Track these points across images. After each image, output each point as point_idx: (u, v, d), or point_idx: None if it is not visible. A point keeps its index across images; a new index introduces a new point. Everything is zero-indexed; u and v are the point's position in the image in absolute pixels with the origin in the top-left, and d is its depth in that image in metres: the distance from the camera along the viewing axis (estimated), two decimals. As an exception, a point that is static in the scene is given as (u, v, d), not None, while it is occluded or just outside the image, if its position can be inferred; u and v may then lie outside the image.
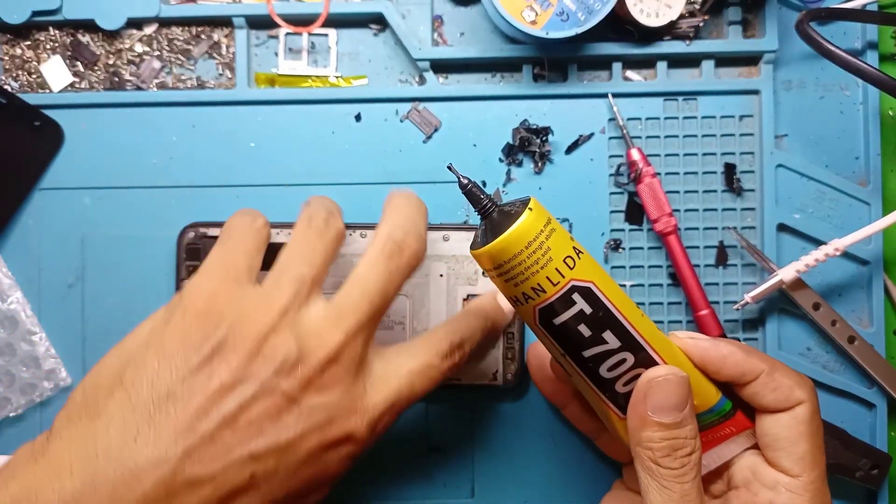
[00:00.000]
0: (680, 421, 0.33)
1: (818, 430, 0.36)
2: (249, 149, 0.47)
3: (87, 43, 0.47)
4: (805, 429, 0.35)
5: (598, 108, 0.46)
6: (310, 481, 0.34)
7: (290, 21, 0.46)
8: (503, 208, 0.31)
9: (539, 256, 0.30)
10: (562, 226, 0.32)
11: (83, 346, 0.46)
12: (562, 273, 0.30)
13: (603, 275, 0.32)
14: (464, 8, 0.47)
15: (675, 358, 0.34)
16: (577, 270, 0.31)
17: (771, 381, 0.35)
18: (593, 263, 0.32)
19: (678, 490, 0.32)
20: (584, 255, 0.31)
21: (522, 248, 0.30)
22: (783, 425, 0.35)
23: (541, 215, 0.31)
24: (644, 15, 0.44)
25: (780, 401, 0.35)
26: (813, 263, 0.44)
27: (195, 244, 0.45)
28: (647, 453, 0.33)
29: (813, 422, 0.35)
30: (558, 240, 0.31)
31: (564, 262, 0.30)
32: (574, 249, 0.31)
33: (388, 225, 0.37)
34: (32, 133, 0.46)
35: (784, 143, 0.47)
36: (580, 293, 0.31)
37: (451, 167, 0.33)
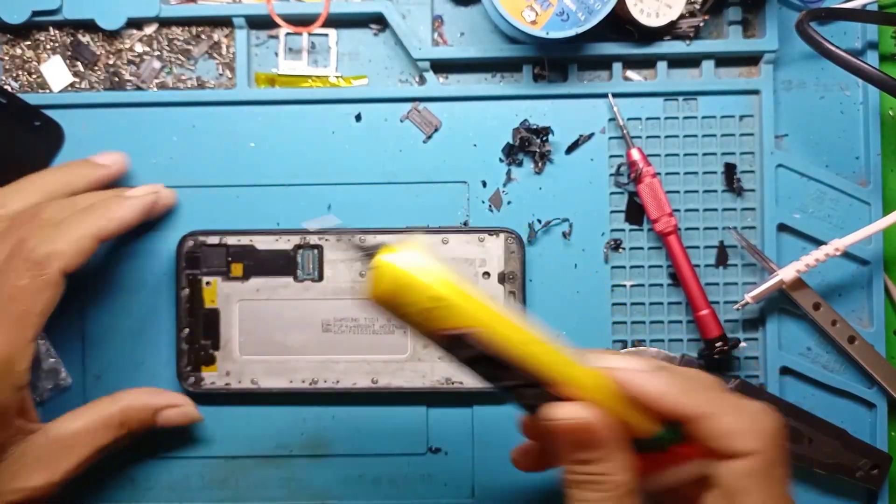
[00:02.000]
0: (594, 458, 0.30)
1: (778, 480, 0.31)
2: (249, 149, 0.47)
3: (88, 43, 0.47)
4: (756, 481, 0.31)
5: (598, 108, 0.46)
6: None
7: (290, 21, 0.46)
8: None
9: (404, 303, 0.29)
10: (428, 278, 0.29)
11: (83, 346, 0.46)
12: (428, 321, 0.29)
13: (484, 317, 0.30)
14: (464, 8, 0.47)
15: (597, 389, 0.31)
16: (444, 320, 0.29)
17: (715, 427, 0.31)
18: (471, 308, 0.29)
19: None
20: (447, 305, 0.29)
21: (387, 294, 0.29)
22: (732, 473, 0.31)
23: (397, 272, 0.29)
24: (644, 15, 0.44)
25: (724, 449, 0.31)
26: (813, 263, 0.44)
27: (194, 252, 0.45)
28: (567, 479, 0.32)
29: (768, 473, 0.31)
30: (417, 293, 0.29)
31: (426, 312, 0.29)
32: (434, 299, 0.29)
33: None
34: (33, 133, 0.46)
35: (784, 143, 0.47)
36: (458, 339, 0.30)
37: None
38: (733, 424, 0.31)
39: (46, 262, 0.37)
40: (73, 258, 0.37)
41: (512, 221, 0.46)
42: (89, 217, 0.39)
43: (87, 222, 0.38)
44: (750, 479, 0.31)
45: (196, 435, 0.46)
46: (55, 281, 0.37)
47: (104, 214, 0.39)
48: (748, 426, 0.31)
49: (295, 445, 0.46)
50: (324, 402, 0.46)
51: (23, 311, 0.37)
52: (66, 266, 0.37)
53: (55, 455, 0.40)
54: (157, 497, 0.46)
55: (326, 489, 0.46)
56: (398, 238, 0.45)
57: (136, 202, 0.41)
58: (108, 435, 0.42)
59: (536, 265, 0.46)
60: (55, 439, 0.40)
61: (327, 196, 0.46)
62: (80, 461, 0.41)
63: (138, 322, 0.46)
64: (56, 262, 0.37)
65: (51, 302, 0.37)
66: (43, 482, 0.40)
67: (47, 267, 0.37)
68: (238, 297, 0.45)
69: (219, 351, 0.45)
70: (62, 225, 0.38)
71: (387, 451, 0.46)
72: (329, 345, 0.45)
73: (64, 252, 0.37)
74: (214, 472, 0.46)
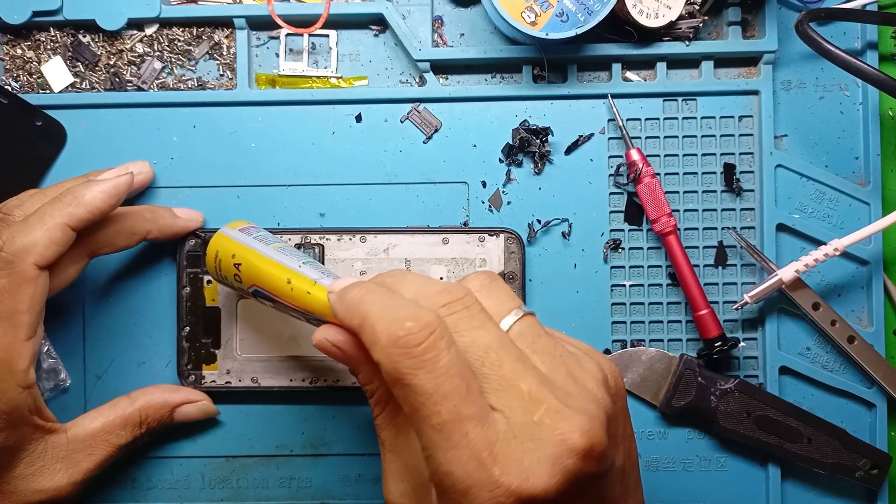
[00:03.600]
0: (352, 370, 0.33)
1: (404, 398, 0.29)
2: (250, 149, 0.47)
3: (88, 43, 0.47)
4: (395, 393, 0.29)
5: (597, 108, 0.47)
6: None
7: (291, 22, 0.46)
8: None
9: (224, 278, 0.40)
10: (228, 250, 0.39)
11: (83, 346, 0.46)
12: (240, 285, 0.39)
13: (259, 273, 0.38)
14: (464, 9, 0.47)
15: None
16: (244, 282, 0.39)
17: (363, 338, 0.30)
18: (251, 268, 0.38)
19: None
20: (242, 267, 0.39)
21: (213, 274, 0.41)
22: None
23: (210, 250, 0.40)
24: (643, 16, 0.44)
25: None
26: (812, 263, 0.44)
27: (196, 251, 0.45)
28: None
29: (393, 386, 0.29)
30: (225, 265, 0.40)
31: (235, 279, 0.39)
32: (235, 266, 0.39)
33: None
34: (34, 133, 0.46)
35: (783, 144, 0.47)
36: (255, 293, 0.39)
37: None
38: (369, 335, 0.29)
39: (18, 258, 0.37)
40: (45, 250, 0.37)
41: (512, 221, 0.46)
42: (57, 206, 0.38)
43: (56, 211, 0.38)
44: (392, 391, 0.29)
45: (196, 435, 0.46)
46: (32, 276, 0.37)
47: (72, 201, 0.38)
48: (379, 334, 0.29)
49: (295, 445, 0.46)
50: (324, 401, 0.46)
51: (8, 311, 0.37)
52: (38, 259, 0.37)
53: (75, 455, 0.41)
54: (157, 497, 0.46)
55: (326, 489, 0.46)
56: (396, 238, 0.45)
57: (106, 185, 0.39)
58: (128, 434, 0.42)
59: (536, 265, 0.46)
60: (74, 440, 0.41)
61: (328, 196, 0.46)
62: (100, 461, 0.41)
63: (138, 322, 0.46)
64: (28, 257, 0.37)
65: (35, 298, 0.37)
66: (64, 482, 0.40)
67: (20, 263, 0.37)
68: (239, 296, 0.45)
69: (219, 349, 0.45)
70: (31, 218, 0.38)
71: (387, 451, 0.46)
72: (329, 345, 0.45)
73: (34, 245, 0.37)
74: (215, 471, 0.46)
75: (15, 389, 0.37)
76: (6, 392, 0.37)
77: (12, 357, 0.37)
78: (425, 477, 0.31)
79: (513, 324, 0.31)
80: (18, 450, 0.39)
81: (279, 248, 0.39)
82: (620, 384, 0.32)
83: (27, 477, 0.39)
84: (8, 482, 0.39)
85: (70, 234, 0.38)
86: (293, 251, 0.39)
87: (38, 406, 0.39)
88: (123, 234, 0.42)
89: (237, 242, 0.40)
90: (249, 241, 0.39)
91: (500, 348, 0.29)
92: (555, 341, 0.31)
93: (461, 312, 0.30)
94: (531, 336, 0.31)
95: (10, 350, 0.37)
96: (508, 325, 0.31)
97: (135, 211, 0.42)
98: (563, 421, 0.28)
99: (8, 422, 0.38)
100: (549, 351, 0.31)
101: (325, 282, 0.35)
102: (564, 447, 0.28)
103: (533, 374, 0.29)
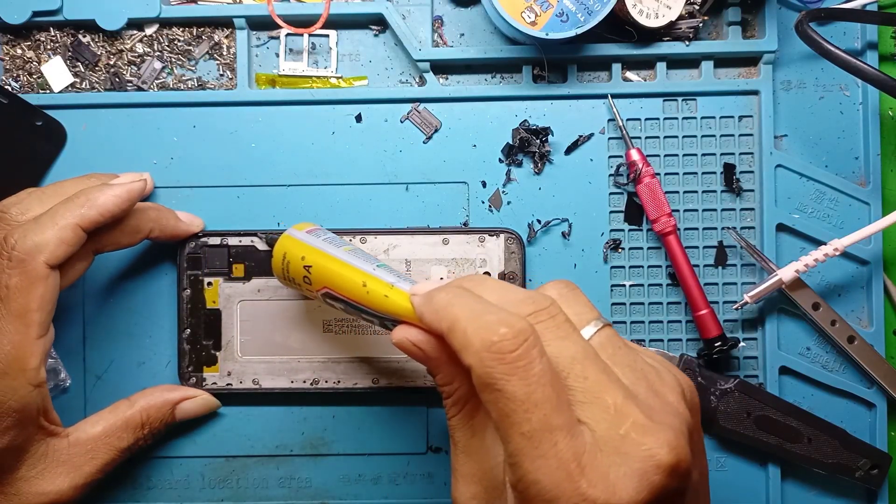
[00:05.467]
0: (431, 370, 0.33)
1: (492, 403, 0.28)
2: (250, 149, 0.47)
3: (88, 43, 0.47)
4: (483, 398, 0.29)
5: (597, 108, 0.47)
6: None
7: (291, 22, 0.46)
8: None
9: (292, 280, 0.40)
10: (297, 253, 0.39)
11: (83, 346, 0.46)
12: (309, 287, 0.39)
13: (331, 276, 0.38)
14: (464, 9, 0.47)
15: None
16: (314, 284, 0.39)
17: (452, 341, 0.30)
18: (322, 271, 0.38)
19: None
20: (313, 270, 0.39)
21: (280, 277, 0.41)
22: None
23: (277, 252, 0.40)
24: (643, 16, 0.44)
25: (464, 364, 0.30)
26: (812, 263, 0.44)
27: (196, 253, 0.45)
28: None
29: (483, 390, 0.29)
30: (293, 267, 0.39)
31: (305, 281, 0.39)
32: (305, 269, 0.39)
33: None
34: (34, 133, 0.46)
35: (783, 144, 0.47)
36: (326, 296, 0.39)
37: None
38: (460, 338, 0.29)
39: (29, 256, 0.37)
40: (56, 249, 0.37)
41: (512, 221, 0.46)
42: (70, 206, 0.38)
43: (68, 212, 0.38)
44: (480, 395, 0.29)
45: (196, 435, 0.46)
46: (42, 274, 0.37)
47: (85, 203, 0.38)
48: (470, 338, 0.29)
49: (295, 445, 0.46)
50: (324, 402, 0.46)
51: (20, 309, 0.37)
52: (49, 258, 0.37)
53: (77, 459, 0.41)
54: (157, 497, 0.46)
55: (326, 489, 0.46)
56: (396, 238, 0.45)
57: (119, 189, 0.39)
58: (129, 436, 0.43)
59: (536, 265, 0.46)
60: (76, 443, 0.41)
61: (328, 196, 0.46)
62: (103, 465, 0.42)
63: (138, 322, 0.47)
64: (39, 256, 0.37)
65: (45, 296, 0.37)
66: (66, 486, 0.40)
67: (31, 261, 0.37)
68: (239, 298, 0.45)
69: (220, 351, 0.45)
70: (43, 217, 0.38)
71: (387, 451, 0.46)
72: (330, 345, 0.45)
73: (46, 244, 0.37)
74: (215, 471, 0.46)
75: (26, 387, 0.37)
76: (17, 390, 0.37)
77: (24, 355, 0.37)
78: (499, 481, 0.31)
79: (593, 334, 0.31)
80: (23, 451, 0.39)
81: (349, 250, 0.39)
82: (696, 398, 0.32)
83: (29, 479, 0.39)
84: (11, 483, 0.39)
85: (81, 235, 0.38)
86: (364, 254, 0.39)
87: (45, 406, 0.39)
88: (128, 232, 0.42)
89: (306, 245, 0.39)
90: (319, 243, 0.39)
91: (586, 360, 0.29)
92: (634, 353, 0.31)
93: (547, 322, 0.30)
94: (611, 347, 0.31)
95: (21, 348, 0.37)
96: (589, 335, 0.31)
97: (140, 209, 0.42)
98: (650, 436, 0.28)
99: (17, 420, 0.38)
100: (630, 363, 0.31)
101: (402, 285, 0.35)
102: (651, 462, 0.27)
103: (618, 387, 0.29)
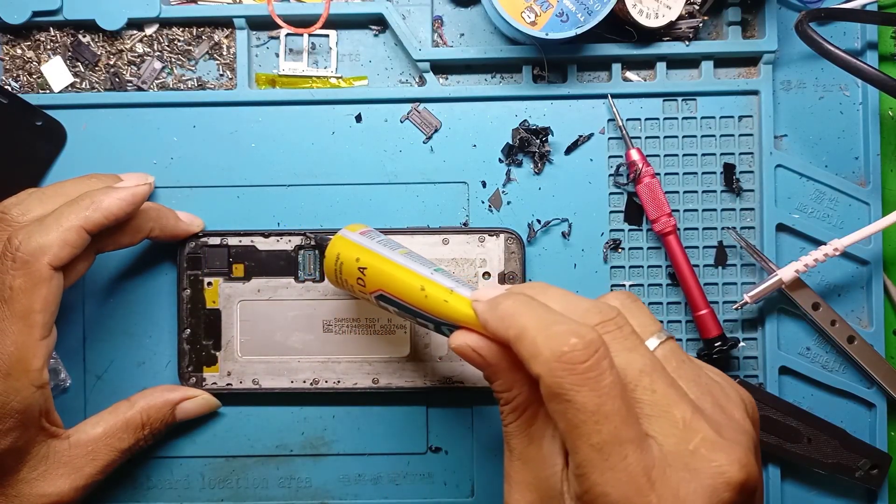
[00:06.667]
0: (489, 376, 0.32)
1: (560, 414, 0.28)
2: (250, 149, 0.47)
3: (88, 43, 0.47)
4: (551, 408, 0.29)
5: (597, 108, 0.47)
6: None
7: (291, 22, 0.46)
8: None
9: (345, 281, 0.40)
10: (351, 254, 0.39)
11: (83, 346, 0.46)
12: (363, 289, 0.39)
13: (388, 279, 0.37)
14: (464, 9, 0.47)
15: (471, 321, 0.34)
16: (368, 286, 0.39)
17: (520, 350, 0.29)
18: (378, 274, 0.38)
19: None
20: (368, 272, 0.38)
21: (332, 278, 0.41)
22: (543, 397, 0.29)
23: (330, 252, 0.40)
24: (643, 16, 0.44)
25: (531, 373, 0.29)
26: (812, 263, 0.44)
27: (196, 253, 0.45)
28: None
29: (551, 401, 0.28)
30: (347, 268, 0.39)
31: (359, 283, 0.39)
32: (359, 270, 0.39)
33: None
34: (34, 133, 0.46)
35: (783, 144, 0.47)
36: (380, 298, 0.38)
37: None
38: (528, 347, 0.29)
39: (34, 258, 0.37)
40: (60, 250, 0.37)
41: (512, 221, 0.46)
42: (74, 208, 0.38)
43: (73, 213, 0.38)
44: (547, 404, 0.29)
45: (196, 435, 0.46)
46: (46, 276, 0.37)
47: (90, 205, 0.38)
48: (540, 348, 0.28)
49: (295, 445, 0.46)
50: (324, 402, 0.46)
51: (23, 310, 0.37)
52: (53, 259, 0.37)
53: (77, 461, 0.41)
54: (157, 497, 0.46)
55: (326, 489, 0.46)
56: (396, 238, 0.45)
57: (124, 193, 0.39)
58: (130, 437, 0.43)
59: (536, 265, 0.46)
60: (76, 445, 0.41)
61: (328, 196, 0.46)
62: (104, 466, 0.42)
63: (138, 322, 0.47)
64: (43, 257, 0.37)
65: (49, 298, 0.37)
66: (66, 488, 0.40)
67: (35, 263, 0.37)
68: (239, 298, 0.45)
69: (220, 351, 0.45)
70: (48, 218, 0.38)
71: (387, 451, 0.46)
72: (330, 345, 0.45)
73: (50, 245, 0.37)
74: (215, 471, 0.46)
75: (29, 388, 0.37)
76: (20, 391, 0.37)
77: (27, 356, 0.37)
78: (556, 490, 0.30)
79: (657, 347, 0.31)
80: (24, 453, 0.39)
81: (405, 253, 0.38)
82: (757, 414, 0.32)
83: (30, 481, 0.39)
84: (12, 485, 0.39)
85: (85, 237, 0.38)
86: (420, 258, 0.38)
87: (47, 407, 0.39)
88: (129, 232, 0.42)
89: (361, 246, 0.39)
90: (373, 245, 0.39)
91: (654, 372, 0.29)
92: (698, 368, 0.31)
93: (614, 333, 0.30)
94: (675, 361, 0.31)
95: (25, 349, 0.37)
96: (653, 348, 0.31)
97: (141, 208, 0.42)
98: (721, 452, 0.28)
99: (20, 421, 0.38)
100: (694, 378, 0.30)
101: (461, 290, 0.35)
102: (721, 479, 0.27)
103: (686, 402, 0.29)
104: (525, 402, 0.32)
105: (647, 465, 0.27)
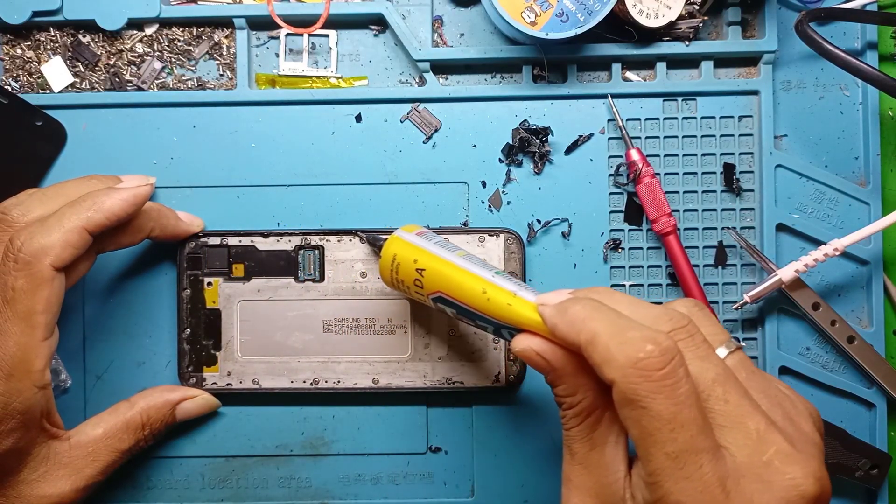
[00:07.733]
0: (552, 381, 0.32)
1: (634, 421, 0.28)
2: (250, 149, 0.47)
3: (88, 43, 0.47)
4: (623, 414, 0.29)
5: (597, 108, 0.47)
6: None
7: (291, 22, 0.46)
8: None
9: (401, 282, 0.39)
10: (408, 255, 0.39)
11: (83, 346, 0.46)
12: (420, 290, 0.39)
13: (447, 281, 0.37)
14: (464, 9, 0.47)
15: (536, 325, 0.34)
16: (426, 288, 0.38)
17: (592, 355, 0.29)
18: (436, 275, 0.38)
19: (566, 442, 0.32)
20: (426, 273, 0.38)
21: (387, 278, 0.40)
22: (615, 402, 0.29)
23: (386, 253, 0.40)
24: (643, 16, 0.44)
25: (603, 378, 0.29)
26: (812, 263, 0.44)
27: (196, 253, 0.45)
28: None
29: (624, 407, 0.28)
30: (404, 269, 0.39)
31: (416, 284, 0.38)
32: (417, 272, 0.38)
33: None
34: (35, 133, 0.46)
35: (783, 144, 0.47)
36: (438, 300, 0.38)
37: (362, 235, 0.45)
38: (601, 352, 0.29)
39: (36, 259, 0.37)
40: (62, 251, 0.37)
41: (512, 221, 0.46)
42: (76, 209, 0.38)
43: (75, 214, 0.38)
44: (619, 410, 0.29)
45: (196, 435, 0.46)
46: (48, 277, 0.37)
47: (92, 206, 0.38)
48: (614, 354, 0.28)
49: (295, 445, 0.46)
50: (324, 402, 0.46)
51: (25, 311, 0.37)
52: (55, 260, 0.37)
53: (78, 462, 0.41)
54: (157, 497, 0.46)
55: (326, 489, 0.46)
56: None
57: (126, 194, 0.39)
58: (130, 438, 0.43)
59: (536, 265, 0.46)
60: (77, 446, 0.41)
61: (328, 196, 0.46)
62: (104, 467, 0.42)
63: (138, 322, 0.47)
64: (45, 258, 0.37)
65: (51, 299, 0.37)
66: (67, 489, 0.40)
67: (37, 264, 0.37)
68: (239, 298, 0.45)
69: (220, 351, 0.45)
70: (49, 219, 0.38)
71: (387, 451, 0.46)
72: (330, 345, 0.45)
73: (52, 246, 0.37)
74: (215, 471, 0.46)
75: (31, 389, 0.37)
76: (22, 392, 0.37)
77: (29, 357, 0.37)
78: (618, 497, 0.30)
79: (726, 356, 0.31)
80: (25, 454, 0.39)
81: (464, 255, 0.38)
82: (822, 427, 0.32)
83: (31, 482, 0.39)
84: (13, 486, 0.39)
85: (87, 238, 0.38)
86: (479, 260, 0.38)
87: (48, 408, 0.39)
88: (129, 232, 0.42)
89: (419, 248, 0.39)
90: (431, 246, 0.39)
91: (727, 382, 0.29)
92: (767, 379, 0.31)
93: (686, 341, 0.29)
94: (745, 371, 0.31)
95: (27, 350, 0.37)
96: (722, 357, 0.30)
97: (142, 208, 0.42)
98: (795, 465, 0.28)
99: (22, 422, 0.38)
100: (764, 389, 0.30)
101: (525, 294, 0.34)
102: (796, 492, 0.27)
103: (760, 413, 0.29)
104: (589, 408, 0.31)
105: (721, 476, 0.27)
